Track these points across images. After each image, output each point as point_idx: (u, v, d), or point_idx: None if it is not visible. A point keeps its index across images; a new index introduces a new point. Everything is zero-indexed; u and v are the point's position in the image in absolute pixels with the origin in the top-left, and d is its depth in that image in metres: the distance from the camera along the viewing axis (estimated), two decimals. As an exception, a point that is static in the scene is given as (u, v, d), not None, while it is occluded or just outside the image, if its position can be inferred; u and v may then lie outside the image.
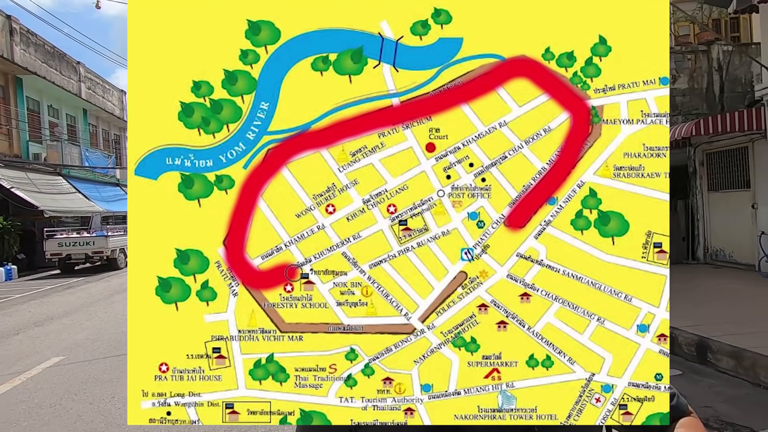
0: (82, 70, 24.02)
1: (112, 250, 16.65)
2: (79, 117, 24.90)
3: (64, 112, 23.51)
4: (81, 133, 24.60)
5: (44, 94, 21.62)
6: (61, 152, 21.53)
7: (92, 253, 16.40)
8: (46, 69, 20.60)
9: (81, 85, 23.91)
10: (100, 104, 25.93)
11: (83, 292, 12.34)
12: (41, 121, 21.20)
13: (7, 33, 18.06)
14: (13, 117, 18.93)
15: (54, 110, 22.65)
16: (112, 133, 29.02)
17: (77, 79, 23.63)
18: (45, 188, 18.69)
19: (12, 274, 15.35)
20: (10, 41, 18.16)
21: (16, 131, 19.20)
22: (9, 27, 18.13)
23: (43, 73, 20.32)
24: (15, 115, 19.09)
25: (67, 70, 22.62)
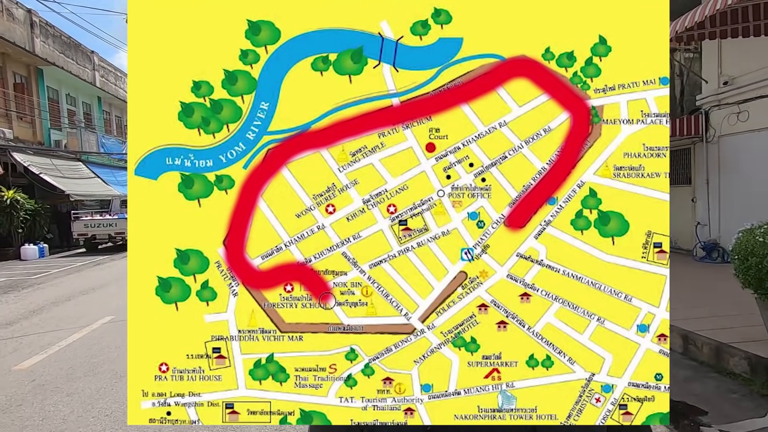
0: (96, 59, 24.75)
1: None
2: (94, 105, 25.76)
3: (81, 100, 24.34)
4: (96, 120, 25.53)
5: (63, 83, 22.29)
6: (80, 139, 22.51)
7: (115, 233, 17.76)
8: (63, 59, 21.21)
9: (95, 74, 24.62)
10: (112, 92, 26.75)
11: (112, 268, 13.62)
12: (60, 109, 22.08)
13: (28, 26, 18.52)
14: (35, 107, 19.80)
15: (72, 99, 23.44)
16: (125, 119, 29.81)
17: (92, 68, 24.33)
18: (68, 173, 19.88)
19: (44, 251, 16.78)
20: (31, 34, 18.64)
21: (39, 120, 20.07)
22: (30, 20, 18.59)
23: (61, 64, 20.92)
24: (37, 104, 19.92)
25: (82, 59, 23.25)
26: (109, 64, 26.35)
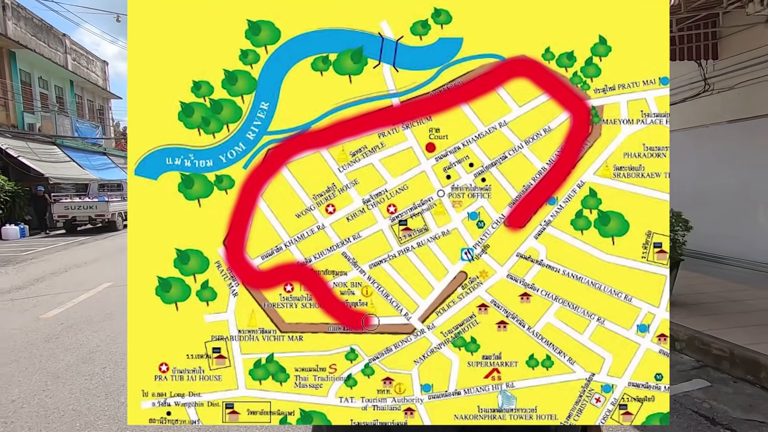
0: (68, 42, 24.91)
1: (112, 214, 19.08)
2: (66, 88, 25.85)
3: (53, 83, 24.44)
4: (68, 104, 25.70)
5: (35, 67, 22.42)
6: (55, 123, 22.87)
7: (95, 215, 18.58)
8: (35, 42, 21.39)
9: (67, 57, 24.76)
10: (84, 75, 26.86)
11: (97, 247, 14.28)
12: (33, 93, 22.29)
13: (0, 9, 18.54)
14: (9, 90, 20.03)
15: (44, 82, 23.56)
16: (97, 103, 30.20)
17: (63, 51, 24.49)
18: (44, 157, 20.36)
19: (25, 232, 17.32)
20: (3, 16, 18.69)
21: (12, 103, 20.27)
22: (2, 2, 18.64)
23: (33, 46, 21.08)
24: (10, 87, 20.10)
25: (54, 42, 23.44)
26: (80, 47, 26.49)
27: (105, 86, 29.70)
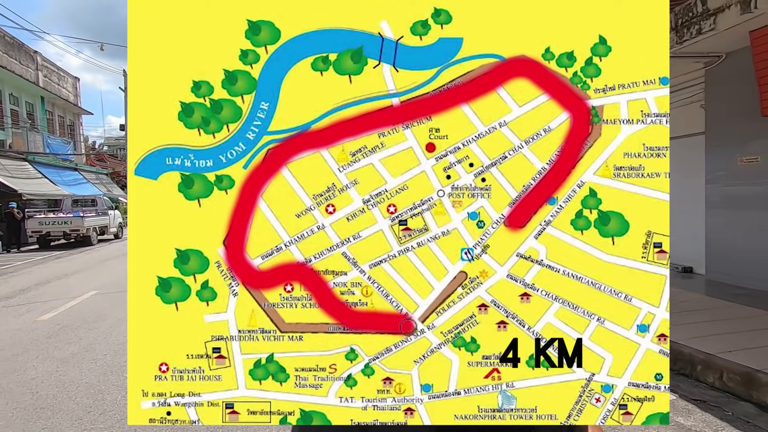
0: (39, 59, 25.07)
1: (87, 228, 19.48)
2: (37, 104, 26.05)
3: (24, 100, 24.68)
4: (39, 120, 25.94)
5: (5, 83, 22.65)
6: (26, 139, 23.13)
7: (70, 230, 18.94)
8: (7, 59, 21.62)
9: (38, 74, 24.95)
10: (55, 91, 27.05)
11: (75, 261, 14.81)
12: (3, 109, 22.50)
13: None
14: None
15: (14, 98, 23.81)
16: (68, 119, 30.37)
17: (35, 67, 24.68)
18: (16, 173, 20.69)
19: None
20: None
21: None
22: None
23: (4, 64, 21.31)
24: None
25: (25, 59, 23.63)
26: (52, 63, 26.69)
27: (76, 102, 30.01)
